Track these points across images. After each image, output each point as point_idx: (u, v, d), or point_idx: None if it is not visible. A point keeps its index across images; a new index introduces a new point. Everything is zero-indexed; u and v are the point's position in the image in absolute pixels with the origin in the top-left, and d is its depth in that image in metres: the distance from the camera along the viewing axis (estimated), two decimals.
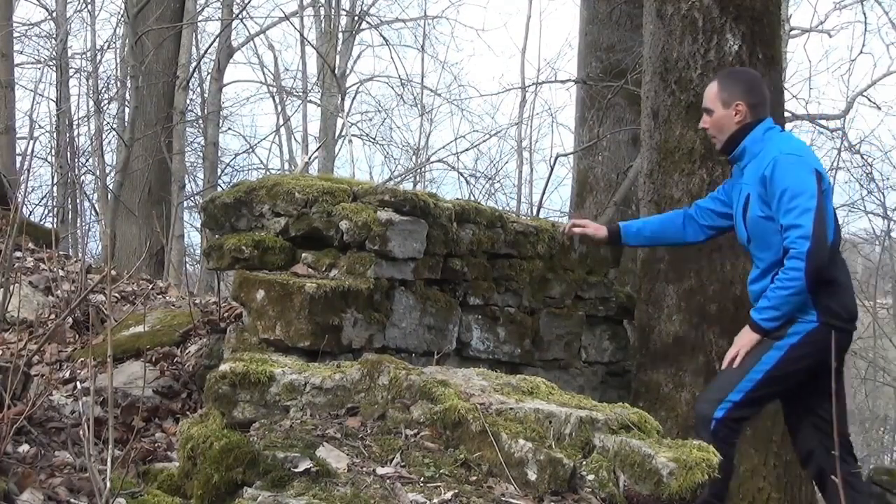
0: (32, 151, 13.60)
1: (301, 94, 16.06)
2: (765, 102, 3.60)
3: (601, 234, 3.99)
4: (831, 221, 3.40)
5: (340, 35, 14.67)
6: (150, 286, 5.41)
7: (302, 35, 13.91)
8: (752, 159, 3.52)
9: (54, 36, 13.25)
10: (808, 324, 3.38)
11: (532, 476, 2.38)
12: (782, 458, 4.17)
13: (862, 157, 13.28)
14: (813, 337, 3.36)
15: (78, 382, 3.79)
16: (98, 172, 11.92)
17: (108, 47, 13.32)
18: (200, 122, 12.72)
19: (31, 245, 5.62)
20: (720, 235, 3.89)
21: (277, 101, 16.53)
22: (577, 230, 4.08)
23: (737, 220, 3.62)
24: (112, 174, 10.88)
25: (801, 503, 4.28)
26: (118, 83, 12.08)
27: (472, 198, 11.78)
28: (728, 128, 3.56)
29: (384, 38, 14.92)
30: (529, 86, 14.67)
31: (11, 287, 4.29)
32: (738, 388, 3.40)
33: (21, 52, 13.81)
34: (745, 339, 3.46)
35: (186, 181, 11.87)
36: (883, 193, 13.70)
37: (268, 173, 14.35)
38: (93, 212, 13.46)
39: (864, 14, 15.63)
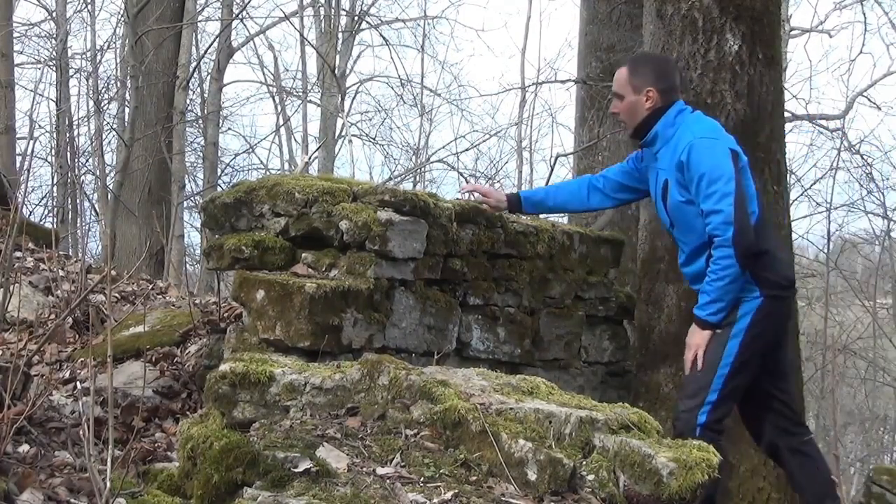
0: (32, 151, 13.62)
1: (301, 94, 16.06)
2: (675, 87, 3.64)
3: (501, 205, 4.00)
4: (752, 198, 3.45)
5: (340, 35, 14.67)
6: (150, 286, 5.42)
7: (302, 35, 13.92)
8: (665, 144, 3.56)
9: (54, 36, 13.25)
10: (754, 300, 3.41)
11: (532, 476, 2.38)
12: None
13: (862, 157, 13.30)
14: (763, 312, 3.40)
15: (78, 382, 3.79)
16: (98, 172, 11.93)
17: (108, 47, 13.35)
18: (200, 122, 12.72)
19: (31, 245, 5.62)
20: (626, 205, 4.22)
21: (277, 101, 16.54)
22: (475, 195, 4.16)
23: (657, 206, 3.66)
24: (112, 174, 10.89)
25: (801, 503, 4.27)
26: (118, 83, 12.09)
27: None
28: (639, 113, 3.60)
29: (384, 38, 14.96)
30: (529, 86, 14.65)
31: (11, 287, 4.29)
32: (712, 389, 3.40)
33: (21, 52, 13.82)
34: (697, 337, 3.47)
35: (186, 181, 11.88)
36: (883, 193, 13.73)
37: (268, 173, 14.36)
38: (93, 212, 13.47)
39: (864, 14, 15.67)
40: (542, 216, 4.68)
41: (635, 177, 3.84)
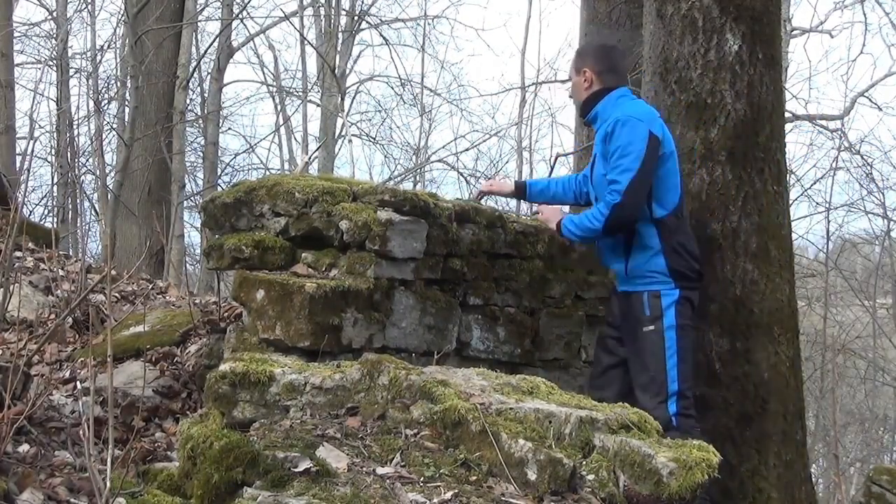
0: (32, 151, 13.61)
1: (301, 93, 16.05)
2: (614, 70, 3.87)
3: (507, 189, 4.33)
4: (673, 189, 3.70)
5: (340, 35, 14.66)
6: (150, 286, 5.42)
7: (302, 35, 13.92)
8: (602, 123, 3.78)
9: (54, 36, 13.25)
10: (672, 293, 3.67)
11: (532, 476, 2.38)
12: (782, 458, 4.17)
13: (862, 157, 13.29)
14: (682, 303, 3.69)
15: (78, 382, 3.79)
16: (98, 172, 11.92)
17: (108, 47, 13.34)
18: (200, 121, 12.72)
19: (31, 245, 5.62)
20: None
21: (277, 100, 16.53)
22: (484, 192, 4.47)
23: (590, 182, 3.93)
24: (112, 174, 10.88)
25: (801, 503, 4.28)
26: (118, 83, 12.09)
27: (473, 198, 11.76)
28: (580, 93, 3.89)
29: (384, 37, 14.96)
30: (529, 86, 14.67)
31: (11, 287, 4.29)
32: (669, 379, 3.62)
33: (21, 52, 13.82)
34: (553, 222, 3.91)
35: (186, 181, 11.88)
36: (883, 193, 13.73)
37: (268, 173, 14.34)
38: (93, 212, 13.47)
39: (865, 14, 15.68)
40: None
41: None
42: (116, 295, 4.95)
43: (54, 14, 13.05)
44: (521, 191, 4.28)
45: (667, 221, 3.68)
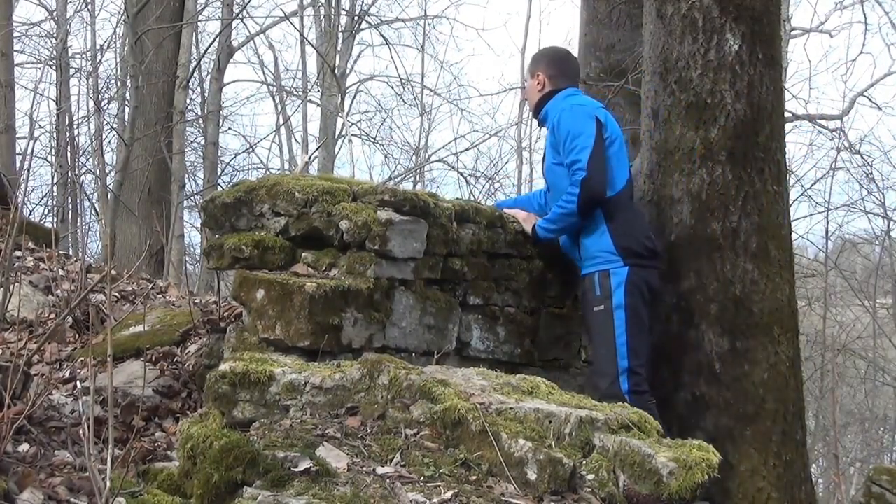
0: (32, 151, 13.61)
1: (301, 93, 16.04)
2: (565, 73, 4.13)
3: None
4: (620, 167, 3.91)
5: (340, 35, 14.65)
6: (150, 286, 5.42)
7: (302, 35, 13.91)
8: (550, 119, 4.00)
9: (54, 36, 13.25)
10: (621, 271, 3.80)
11: (532, 476, 2.38)
12: (782, 458, 4.17)
13: (862, 157, 13.30)
14: (631, 281, 3.80)
15: (78, 382, 3.79)
16: (98, 172, 11.92)
17: (108, 47, 13.34)
18: (200, 121, 12.71)
19: (31, 245, 5.62)
20: None
21: (277, 100, 16.53)
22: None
23: (543, 175, 4.17)
24: (112, 174, 10.88)
25: (801, 503, 4.28)
26: (118, 83, 12.08)
27: (472, 198, 11.78)
28: (533, 96, 4.14)
29: (384, 37, 14.95)
30: None
31: (11, 287, 4.29)
32: (619, 356, 3.74)
33: (21, 52, 13.82)
34: (528, 223, 4.07)
35: (186, 181, 11.87)
36: (883, 193, 13.73)
37: (268, 173, 14.33)
38: (93, 212, 13.48)
39: (865, 14, 15.68)
40: None
41: None
42: (116, 295, 4.95)
43: (54, 14, 13.05)
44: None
45: (611, 201, 3.84)
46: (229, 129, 16.32)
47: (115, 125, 11.76)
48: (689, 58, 4.24)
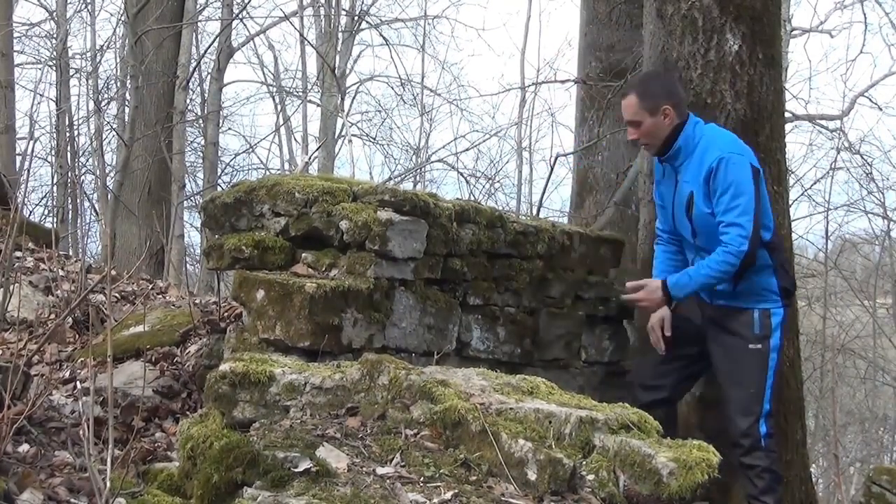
0: (32, 151, 13.59)
1: (301, 93, 16.04)
2: (685, 98, 3.84)
3: (658, 297, 3.76)
4: (767, 212, 3.66)
5: (340, 35, 14.65)
6: (150, 286, 5.42)
7: (302, 35, 13.89)
8: (687, 157, 3.66)
9: (54, 36, 13.24)
10: (779, 312, 3.66)
11: (532, 476, 2.38)
12: (782, 458, 4.17)
13: (862, 157, 13.30)
14: (784, 321, 3.70)
15: (78, 382, 3.79)
16: (98, 172, 11.91)
17: (108, 47, 13.33)
18: (200, 121, 12.70)
19: (31, 245, 5.62)
20: None
21: (277, 100, 16.51)
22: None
23: (678, 218, 3.77)
24: (112, 174, 10.88)
25: (801, 503, 4.28)
26: (118, 83, 12.09)
27: (472, 198, 11.77)
28: (662, 133, 3.69)
29: (384, 37, 14.93)
30: (529, 86, 14.63)
31: (11, 287, 4.29)
32: (765, 399, 3.60)
33: (21, 52, 13.81)
34: (655, 296, 3.73)
35: (186, 181, 11.86)
36: (883, 193, 13.73)
37: (268, 173, 14.34)
38: (93, 212, 13.46)
39: (865, 14, 15.66)
40: (542, 216, 4.68)
41: (665, 199, 3.89)
42: (116, 295, 4.95)
43: (54, 14, 13.04)
44: (667, 294, 3.78)
45: (773, 242, 3.67)
46: (229, 129, 16.33)
47: (115, 125, 11.76)
48: (689, 58, 4.24)
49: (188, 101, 12.08)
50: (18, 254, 5.24)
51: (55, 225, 10.77)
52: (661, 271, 3.90)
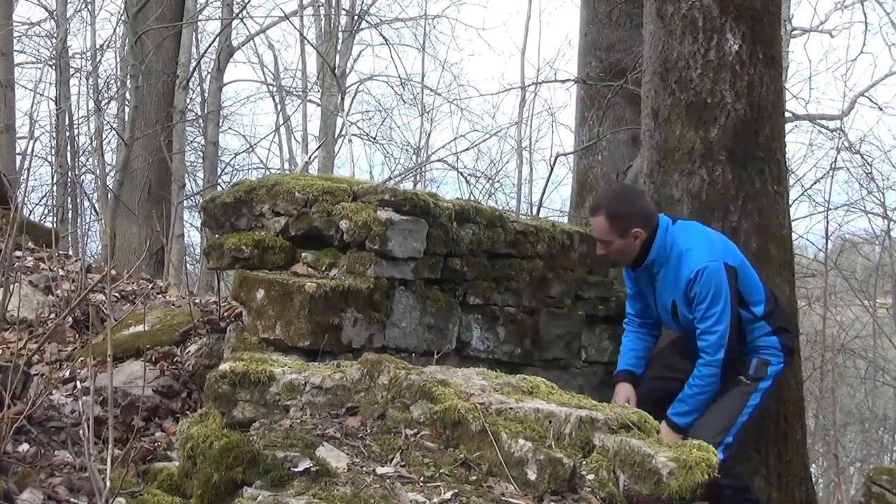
0: (32, 151, 13.59)
1: (301, 93, 16.04)
2: (653, 212, 3.74)
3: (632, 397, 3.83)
4: (758, 286, 3.71)
5: (340, 34, 14.64)
6: (150, 286, 5.42)
7: (302, 34, 13.89)
8: (663, 265, 3.69)
9: (54, 35, 13.24)
10: (779, 364, 3.71)
11: (532, 476, 2.38)
12: (782, 458, 4.17)
13: (862, 157, 13.29)
14: (781, 374, 3.76)
15: (78, 382, 3.79)
16: (98, 172, 11.91)
17: (108, 47, 13.33)
18: (200, 121, 12.70)
19: (31, 244, 5.62)
20: None
21: (277, 100, 16.51)
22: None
23: (665, 318, 3.83)
24: (112, 174, 10.88)
25: (801, 503, 4.28)
26: (118, 83, 12.09)
27: (472, 197, 11.78)
28: (632, 252, 3.72)
29: (384, 37, 14.95)
30: (529, 86, 14.64)
31: (11, 287, 4.29)
32: (730, 431, 3.63)
33: (21, 52, 13.82)
34: (671, 439, 3.46)
35: (186, 181, 11.85)
36: (883, 193, 13.73)
37: (268, 173, 14.34)
38: (93, 211, 13.46)
39: (865, 14, 15.67)
40: (542, 216, 4.67)
41: (640, 293, 3.92)
42: (116, 295, 4.95)
43: (54, 14, 13.03)
44: (633, 382, 3.90)
45: (768, 312, 3.70)
46: (229, 128, 16.34)
47: (115, 125, 11.76)
48: (689, 58, 4.25)
49: (188, 100, 12.08)
50: (18, 253, 5.24)
51: (55, 224, 10.76)
52: (626, 362, 3.94)
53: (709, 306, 3.56)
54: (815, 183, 14.22)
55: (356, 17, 14.88)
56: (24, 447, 3.01)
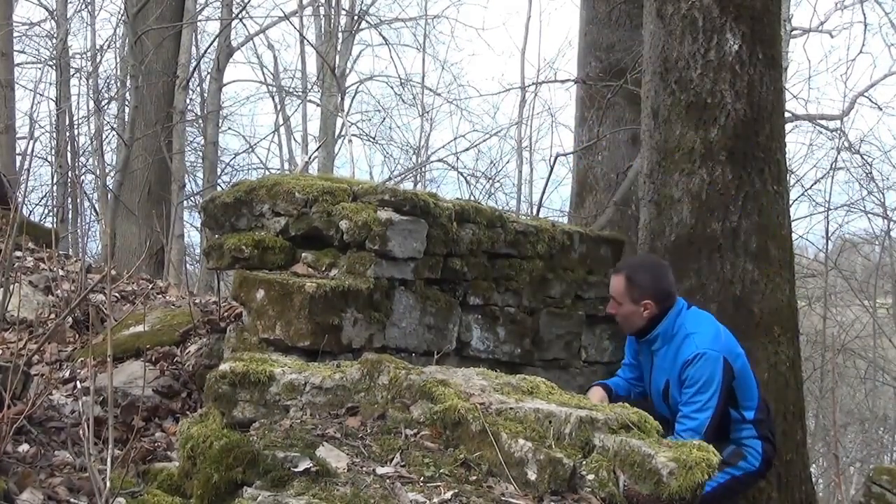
0: (32, 151, 13.59)
1: (301, 93, 16.04)
2: (672, 292, 3.67)
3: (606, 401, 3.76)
4: (753, 391, 3.63)
5: (340, 34, 14.65)
6: (150, 286, 5.42)
7: (301, 35, 13.90)
8: (665, 343, 3.64)
9: (54, 35, 13.24)
10: (752, 466, 3.62)
11: (532, 476, 2.38)
12: (782, 458, 4.17)
13: (862, 157, 13.30)
14: (749, 474, 3.65)
15: (78, 382, 3.79)
16: (98, 172, 11.92)
17: (108, 47, 13.33)
18: (200, 121, 12.70)
19: (31, 245, 5.62)
20: None
21: (277, 100, 16.52)
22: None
23: (655, 398, 3.75)
24: (112, 174, 10.88)
25: (801, 503, 4.28)
26: (118, 83, 12.08)
27: (472, 198, 11.78)
28: (637, 323, 3.67)
29: (384, 37, 14.98)
30: (529, 86, 14.64)
31: (11, 287, 4.29)
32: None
33: (21, 52, 13.81)
34: None
35: (186, 181, 11.86)
36: (883, 193, 13.74)
37: (267, 173, 14.33)
38: (93, 212, 13.45)
39: (864, 14, 15.67)
40: (542, 216, 4.66)
41: (636, 366, 3.88)
42: (116, 295, 4.95)
43: (54, 14, 13.03)
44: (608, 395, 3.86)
45: (758, 419, 3.66)
46: (229, 129, 16.34)
47: (115, 125, 11.76)
48: (689, 58, 4.25)
49: (188, 100, 12.08)
50: (18, 253, 5.23)
51: (55, 225, 10.76)
52: (606, 381, 3.92)
53: (696, 392, 3.51)
54: (815, 183, 14.21)
55: (356, 18, 14.89)
56: (24, 447, 3.01)
